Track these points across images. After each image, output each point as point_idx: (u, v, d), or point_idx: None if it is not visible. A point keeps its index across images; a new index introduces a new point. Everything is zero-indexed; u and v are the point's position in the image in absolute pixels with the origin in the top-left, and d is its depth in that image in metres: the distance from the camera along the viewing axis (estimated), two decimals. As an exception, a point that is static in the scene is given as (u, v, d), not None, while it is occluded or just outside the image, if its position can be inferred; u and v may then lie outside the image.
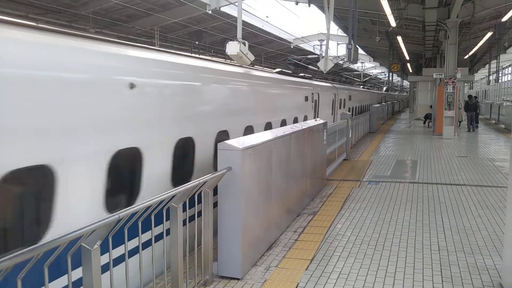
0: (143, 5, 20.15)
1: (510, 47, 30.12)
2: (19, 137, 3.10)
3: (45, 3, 17.24)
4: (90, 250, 2.55)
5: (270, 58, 38.18)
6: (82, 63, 3.79)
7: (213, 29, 26.06)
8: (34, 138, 3.21)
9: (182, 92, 5.39)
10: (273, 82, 9.87)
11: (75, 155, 3.54)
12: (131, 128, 4.26)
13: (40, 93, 3.27)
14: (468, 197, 7.61)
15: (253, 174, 4.51)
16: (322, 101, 14.38)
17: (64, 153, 3.43)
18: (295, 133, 6.11)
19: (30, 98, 3.20)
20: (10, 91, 3.07)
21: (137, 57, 4.73)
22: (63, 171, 3.39)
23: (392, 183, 8.74)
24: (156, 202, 3.16)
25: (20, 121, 3.11)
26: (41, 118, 3.28)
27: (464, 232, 5.70)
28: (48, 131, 3.31)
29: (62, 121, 3.44)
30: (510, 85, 40.28)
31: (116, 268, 3.29)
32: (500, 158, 12.04)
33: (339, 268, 4.55)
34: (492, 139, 17.56)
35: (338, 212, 6.65)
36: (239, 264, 4.22)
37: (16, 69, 3.14)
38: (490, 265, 4.59)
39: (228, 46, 7.71)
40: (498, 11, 18.24)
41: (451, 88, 17.91)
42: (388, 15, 16.78)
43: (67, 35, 3.96)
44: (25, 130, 3.14)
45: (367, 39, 29.27)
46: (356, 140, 15.82)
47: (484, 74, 47.46)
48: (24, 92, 3.16)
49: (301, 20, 74.04)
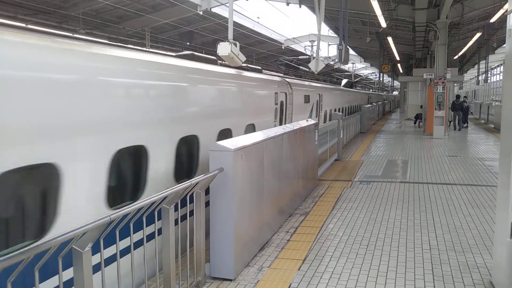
0: (133, 6, 20.04)
1: (499, 47, 30.42)
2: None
3: (34, 4, 17.08)
4: (82, 252, 2.53)
5: (261, 59, 38.19)
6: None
7: (204, 30, 26.00)
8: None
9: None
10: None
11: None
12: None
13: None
14: (459, 196, 7.67)
15: (245, 175, 4.51)
16: (256, 102, 8.96)
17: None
18: (286, 134, 6.12)
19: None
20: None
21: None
22: None
23: (383, 183, 8.79)
24: (148, 203, 3.15)
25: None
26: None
27: (455, 231, 5.75)
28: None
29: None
30: (499, 85, 40.67)
31: (108, 269, 3.27)
32: (490, 158, 12.17)
33: (331, 268, 4.56)
34: (481, 139, 17.74)
35: (330, 212, 6.67)
36: (231, 265, 4.22)
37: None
38: (480, 264, 4.63)
39: (220, 47, 7.69)
40: (487, 12, 18.43)
41: (441, 88, 18.07)
42: (378, 16, 16.88)
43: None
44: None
45: (357, 40, 29.39)
46: (348, 140, 15.89)
47: (473, 75, 47.88)
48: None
49: (292, 21, 74.13)
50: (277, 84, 10.46)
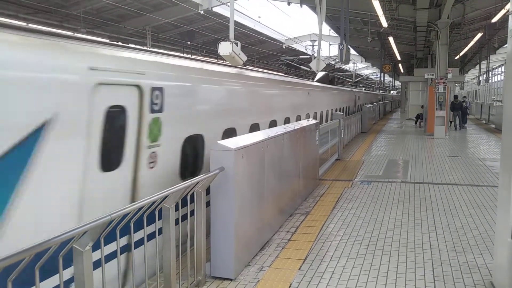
0: (134, 5, 20.05)
1: (500, 47, 30.40)
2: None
3: (35, 3, 17.09)
4: (82, 251, 2.53)
5: (262, 58, 38.19)
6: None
7: (205, 29, 26.01)
8: None
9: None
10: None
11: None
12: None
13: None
14: (460, 196, 7.66)
15: (246, 174, 4.51)
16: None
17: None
18: (287, 133, 6.11)
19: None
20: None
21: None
22: None
23: (384, 183, 8.78)
24: (148, 203, 3.15)
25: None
26: None
27: (456, 231, 5.74)
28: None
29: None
30: (500, 85, 40.65)
31: (108, 268, 3.27)
32: (491, 158, 12.16)
33: (332, 268, 4.55)
34: (482, 139, 17.72)
35: (330, 212, 6.66)
36: (232, 265, 4.22)
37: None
38: (481, 264, 4.63)
39: (221, 46, 7.69)
40: (488, 12, 18.41)
41: (442, 89, 18.06)
42: (379, 16, 16.86)
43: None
44: None
45: (359, 40, 29.40)
46: (348, 140, 15.88)
47: (474, 75, 47.85)
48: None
49: (293, 20, 74.11)
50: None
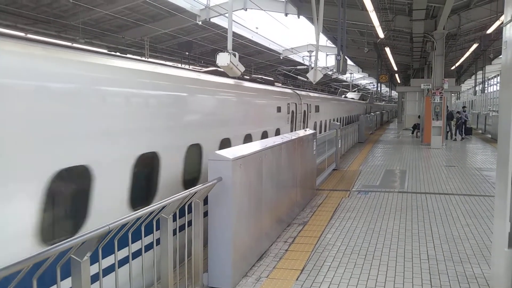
0: (133, 15, 20.17)
1: (496, 58, 30.67)
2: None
3: (34, 13, 17.17)
4: (80, 262, 2.53)
5: (260, 68, 38.37)
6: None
7: (203, 39, 26.15)
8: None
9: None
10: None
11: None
12: None
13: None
14: (456, 206, 7.68)
15: (243, 184, 4.51)
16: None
17: None
18: (285, 143, 6.14)
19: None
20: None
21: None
22: None
23: (381, 193, 8.80)
24: (146, 213, 3.15)
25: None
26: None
27: (453, 241, 5.75)
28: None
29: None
30: (496, 95, 40.89)
31: (106, 279, 3.26)
32: (487, 168, 12.21)
33: (329, 278, 4.55)
34: (479, 149, 17.79)
35: (328, 222, 6.67)
36: (229, 275, 4.21)
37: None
38: (478, 274, 4.63)
39: (219, 57, 7.73)
40: (483, 23, 18.60)
41: (438, 99, 18.16)
42: (376, 27, 17.02)
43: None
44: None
45: (355, 50, 29.61)
46: (346, 150, 15.91)
47: (470, 85, 48.16)
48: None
49: (291, 31, 74.52)
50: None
